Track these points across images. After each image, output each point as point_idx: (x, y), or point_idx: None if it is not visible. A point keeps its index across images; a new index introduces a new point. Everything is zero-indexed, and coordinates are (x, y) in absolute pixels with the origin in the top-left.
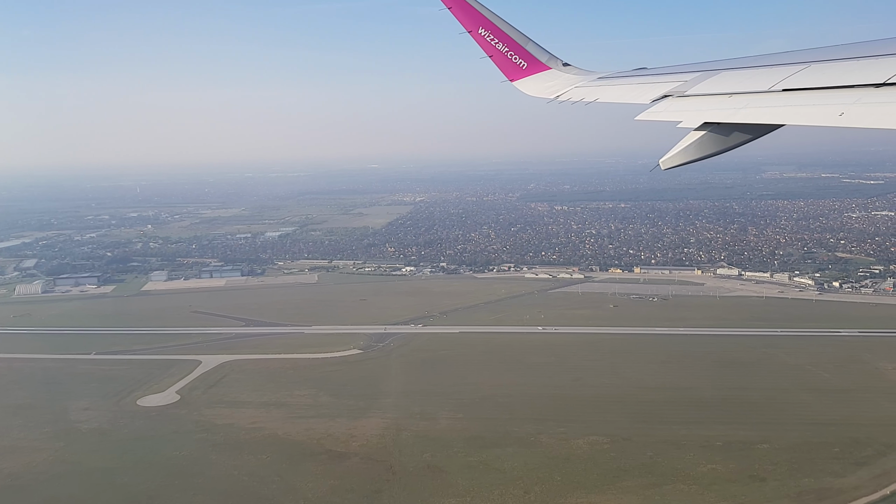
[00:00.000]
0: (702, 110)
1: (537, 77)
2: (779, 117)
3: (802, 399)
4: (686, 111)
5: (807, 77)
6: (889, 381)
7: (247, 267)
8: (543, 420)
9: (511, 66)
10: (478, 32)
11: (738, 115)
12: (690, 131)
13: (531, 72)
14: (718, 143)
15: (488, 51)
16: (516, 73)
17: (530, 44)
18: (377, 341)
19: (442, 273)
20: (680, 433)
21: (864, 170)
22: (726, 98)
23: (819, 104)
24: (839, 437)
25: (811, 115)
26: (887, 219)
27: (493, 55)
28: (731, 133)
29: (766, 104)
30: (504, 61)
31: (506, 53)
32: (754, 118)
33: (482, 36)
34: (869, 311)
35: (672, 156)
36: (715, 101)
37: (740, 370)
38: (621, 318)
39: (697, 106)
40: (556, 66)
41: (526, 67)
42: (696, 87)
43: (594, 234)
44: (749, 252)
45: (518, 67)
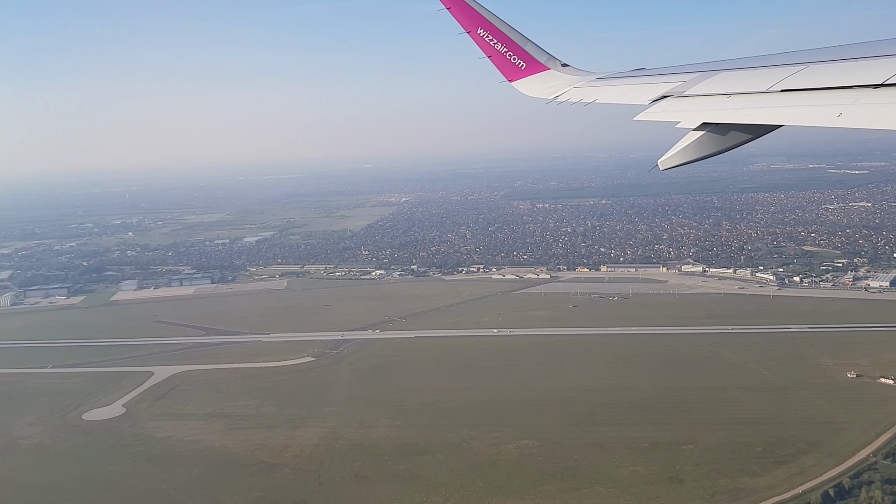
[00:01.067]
0: (700, 110)
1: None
2: (777, 118)
3: (737, 398)
4: (685, 111)
5: (805, 78)
6: (827, 378)
7: (218, 274)
8: (479, 425)
9: (510, 66)
10: (476, 33)
11: (736, 115)
12: (689, 131)
13: (530, 72)
14: (717, 143)
15: (487, 51)
16: (515, 73)
17: (529, 44)
18: (332, 348)
19: (411, 276)
20: (609, 435)
21: (853, 159)
22: (725, 98)
23: (818, 105)
24: (765, 435)
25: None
26: (862, 210)
27: (492, 56)
28: (729, 133)
29: (765, 105)
30: (503, 62)
31: (504, 54)
32: (753, 119)
33: (481, 36)
34: (823, 305)
35: (671, 156)
36: (714, 101)
37: (683, 370)
38: (578, 319)
39: (696, 106)
40: (555, 67)
41: (525, 68)
42: (694, 87)
43: (569, 232)
44: (718, 247)
45: (517, 68)
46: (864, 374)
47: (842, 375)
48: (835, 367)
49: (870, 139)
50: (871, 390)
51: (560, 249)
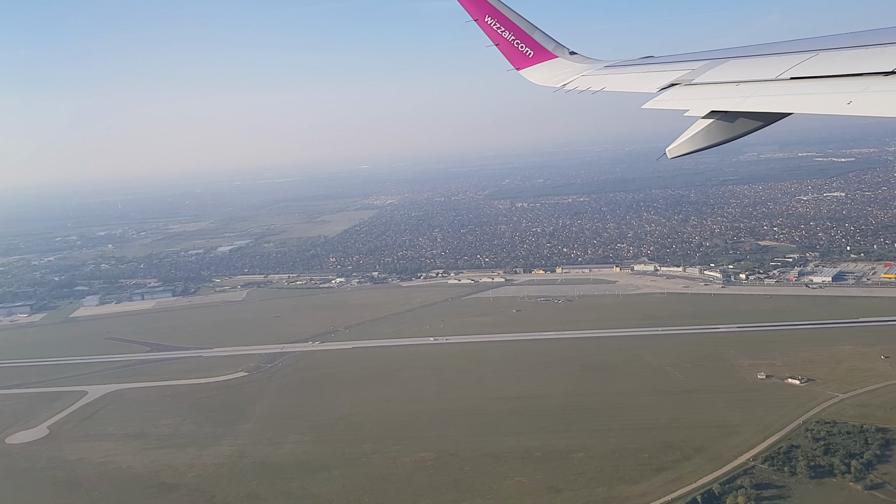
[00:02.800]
0: (709, 98)
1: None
2: (786, 106)
3: (643, 403)
4: (693, 99)
5: (815, 65)
6: (736, 380)
7: (181, 286)
8: (384, 438)
9: (517, 54)
10: (484, 21)
11: (745, 103)
12: (698, 119)
13: (537, 60)
14: (726, 131)
15: (494, 39)
16: (523, 61)
17: (537, 32)
18: (268, 362)
19: (369, 283)
20: (507, 445)
21: (844, 146)
22: (734, 86)
23: (827, 92)
24: (655, 441)
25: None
26: (833, 201)
27: (500, 44)
28: (738, 121)
29: (774, 92)
30: (510, 50)
31: (512, 42)
32: (762, 106)
33: (489, 24)
34: (761, 303)
35: (679, 144)
36: (722, 89)
37: (600, 375)
38: (517, 325)
39: (705, 94)
40: (563, 55)
41: (532, 56)
42: (703, 75)
43: (538, 232)
44: (678, 245)
45: (524, 56)
46: (774, 374)
47: (752, 377)
48: (748, 368)
49: (869, 124)
50: (775, 391)
51: (523, 251)
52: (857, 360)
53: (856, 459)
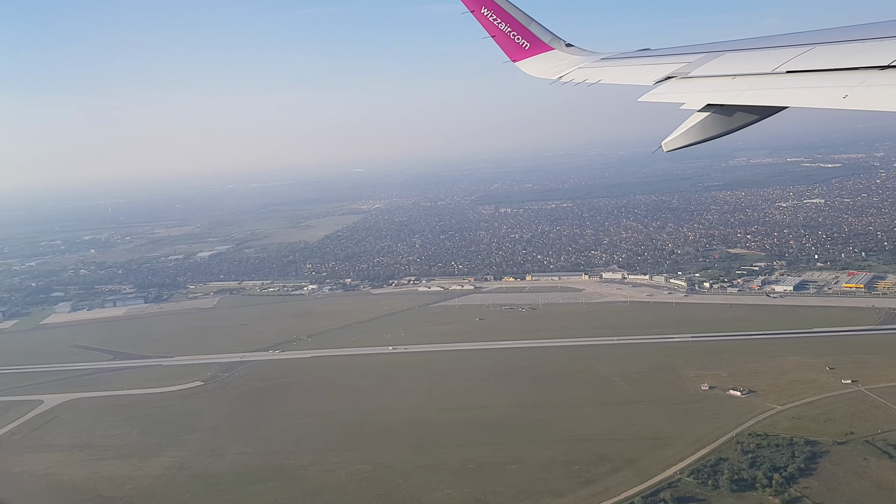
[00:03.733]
0: (705, 92)
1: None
2: (782, 99)
3: (585, 414)
4: (689, 92)
5: (811, 59)
6: (680, 391)
7: (155, 293)
8: (325, 450)
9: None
10: (480, 12)
11: (741, 96)
12: (694, 113)
13: (534, 52)
14: (722, 124)
15: (491, 31)
16: (519, 53)
17: (533, 24)
18: (226, 371)
19: (341, 290)
20: (444, 457)
21: (835, 151)
22: (730, 80)
23: (823, 86)
24: (589, 453)
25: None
26: (811, 208)
27: (496, 35)
28: (734, 114)
29: (770, 86)
30: (506, 41)
31: (508, 34)
32: (758, 100)
33: (485, 16)
34: (720, 312)
35: (675, 137)
36: (718, 82)
37: (550, 385)
38: (478, 333)
39: (701, 87)
40: (559, 47)
41: (529, 48)
42: (699, 68)
43: (516, 238)
44: (650, 252)
45: (521, 48)
46: (718, 386)
47: (696, 388)
48: (694, 379)
49: (862, 129)
50: (716, 403)
51: (498, 258)
52: (802, 372)
53: (779, 473)
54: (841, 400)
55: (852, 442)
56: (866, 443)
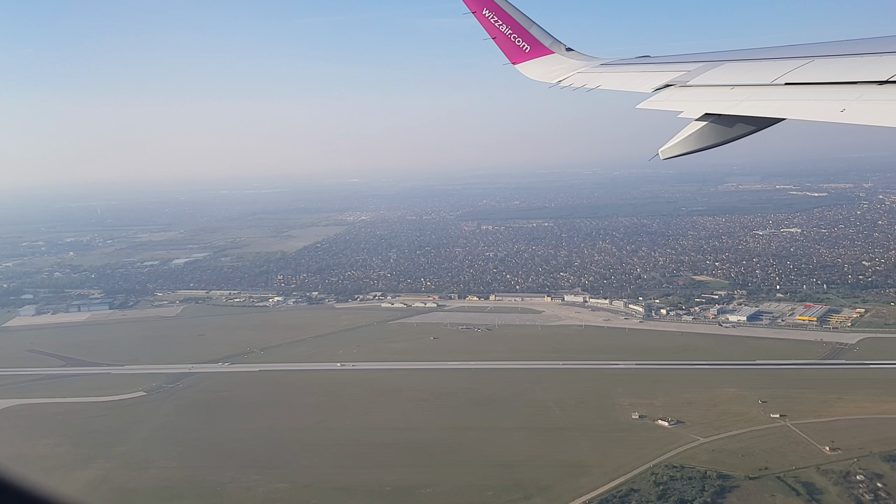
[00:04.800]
0: (703, 101)
1: (540, 61)
2: (780, 111)
3: (512, 439)
4: (687, 101)
5: (810, 72)
6: (610, 419)
7: (122, 299)
8: (249, 467)
9: (514, 48)
10: (482, 13)
11: (739, 107)
12: (691, 121)
13: (534, 55)
14: (719, 134)
15: (492, 32)
16: (519, 56)
17: (534, 27)
18: (172, 382)
19: (305, 303)
20: (363, 478)
21: (826, 179)
22: (728, 90)
23: (821, 99)
24: (506, 479)
25: (813, 111)
26: (786, 237)
27: (497, 37)
28: (732, 125)
29: (768, 97)
30: (507, 44)
31: (509, 36)
32: (756, 111)
33: (486, 17)
34: (670, 340)
35: (672, 145)
36: (717, 92)
37: (484, 408)
38: (428, 352)
39: (699, 96)
40: (560, 51)
41: (529, 51)
42: (698, 77)
43: (491, 257)
44: (618, 276)
45: (521, 50)
46: (649, 415)
47: (626, 416)
48: (627, 407)
49: (855, 158)
50: (642, 433)
51: (468, 276)
52: (734, 404)
53: None
54: (765, 434)
55: (764, 478)
56: (778, 479)
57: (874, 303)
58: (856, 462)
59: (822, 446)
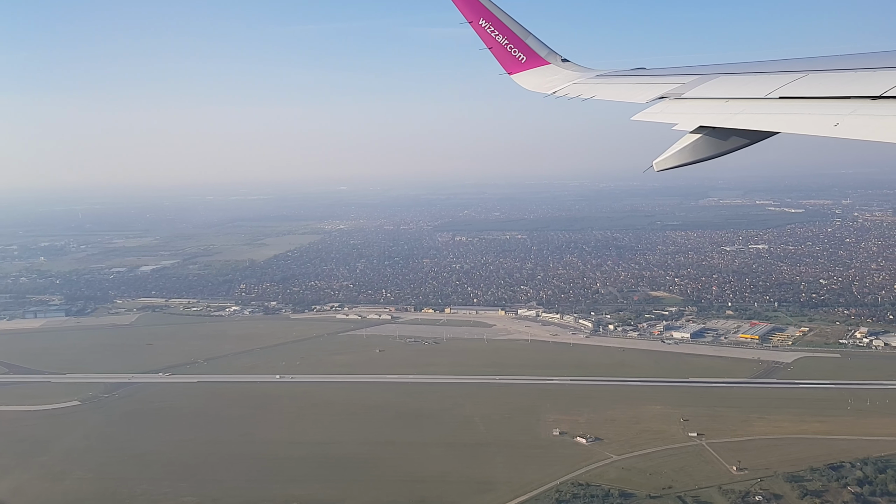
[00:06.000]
0: (698, 113)
1: (536, 71)
2: (774, 125)
3: (429, 454)
4: (682, 113)
5: (804, 86)
6: (531, 436)
7: (80, 306)
8: (163, 480)
9: (510, 59)
10: (478, 23)
11: (733, 120)
12: (686, 134)
13: (530, 66)
14: (713, 146)
15: (488, 42)
16: (515, 66)
17: (530, 38)
18: (108, 392)
19: (262, 313)
20: (273, 493)
21: (806, 196)
22: (723, 103)
23: (815, 114)
24: (413, 495)
25: (806, 125)
26: (752, 253)
27: (493, 47)
28: (726, 138)
29: (762, 111)
30: (503, 54)
31: (505, 46)
32: (750, 124)
33: (483, 27)
34: (609, 356)
35: (666, 157)
36: (711, 105)
37: (410, 423)
38: (370, 365)
39: (694, 109)
40: (555, 62)
41: (525, 61)
42: (693, 90)
43: (457, 269)
44: (576, 290)
45: (517, 61)
46: (569, 432)
47: (548, 433)
48: (551, 423)
49: (837, 175)
50: (558, 449)
51: (429, 288)
52: (656, 422)
53: None
54: (678, 453)
55: (665, 497)
56: (678, 498)
57: (820, 321)
58: (759, 483)
59: (731, 466)
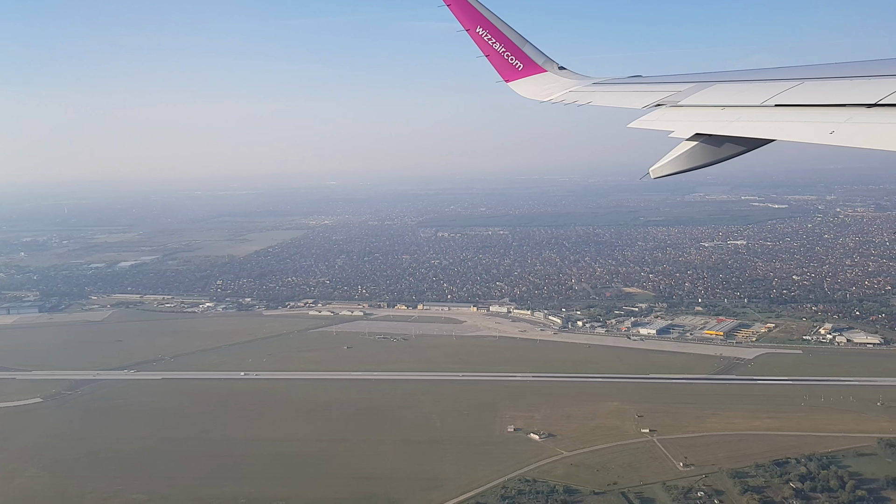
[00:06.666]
0: (694, 121)
1: (532, 79)
2: (770, 132)
3: (383, 451)
4: (678, 121)
5: (799, 93)
6: (486, 432)
7: (55, 302)
8: (115, 477)
9: (507, 66)
10: (475, 31)
11: (730, 127)
12: (682, 141)
13: (527, 73)
14: (710, 154)
15: (485, 50)
16: (512, 73)
17: (527, 45)
18: (72, 389)
19: (235, 309)
20: (222, 491)
21: (792, 191)
22: (719, 110)
23: (811, 121)
24: (361, 492)
25: (802, 132)
26: (729, 249)
27: (490, 55)
28: (722, 145)
29: (758, 118)
30: (500, 61)
31: (502, 54)
32: (746, 132)
33: (480, 35)
34: (574, 352)
35: (662, 165)
36: (707, 112)
37: (368, 420)
38: (337, 362)
39: (690, 116)
40: (552, 70)
41: (522, 69)
42: (689, 97)
43: (435, 265)
44: (550, 286)
45: (514, 68)
46: (524, 428)
47: (502, 429)
48: (507, 420)
49: (826, 170)
50: (511, 446)
51: (405, 284)
52: (611, 418)
53: None
54: (629, 449)
55: (609, 493)
56: (621, 494)
57: (788, 317)
58: (703, 478)
59: (678, 462)
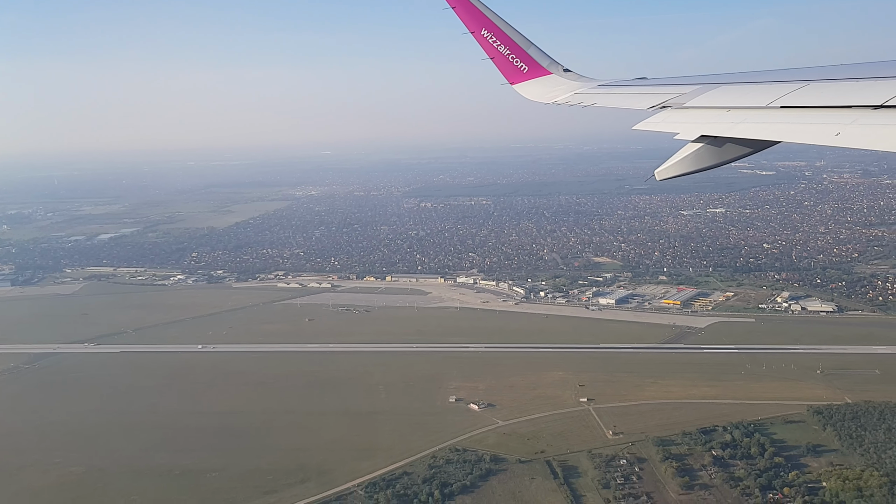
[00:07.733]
0: (699, 123)
1: (538, 81)
2: (776, 134)
3: (323, 422)
4: (683, 123)
5: (805, 95)
6: (428, 403)
7: (28, 275)
8: (57, 450)
9: (512, 69)
10: (480, 34)
11: (735, 129)
12: (688, 143)
13: (532, 76)
14: (715, 156)
15: (490, 52)
16: (517, 76)
17: (532, 48)
18: (30, 363)
19: (205, 282)
20: (160, 462)
21: (783, 157)
22: (724, 112)
23: (816, 123)
24: (293, 463)
25: (808, 134)
26: (706, 217)
27: (495, 57)
28: (728, 146)
29: (764, 120)
30: (505, 64)
31: (507, 56)
32: (752, 133)
33: (485, 37)
34: (531, 322)
35: (668, 167)
36: (713, 114)
37: (315, 392)
38: (296, 335)
39: (695, 118)
40: (557, 72)
41: (527, 71)
42: (694, 99)
43: (411, 236)
44: (521, 256)
45: (519, 71)
46: (465, 398)
47: (444, 400)
48: (451, 390)
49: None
50: (449, 416)
51: (378, 256)
52: (552, 388)
53: (442, 490)
54: (563, 418)
55: (535, 461)
56: (546, 462)
57: (749, 286)
58: (629, 446)
59: (608, 430)
